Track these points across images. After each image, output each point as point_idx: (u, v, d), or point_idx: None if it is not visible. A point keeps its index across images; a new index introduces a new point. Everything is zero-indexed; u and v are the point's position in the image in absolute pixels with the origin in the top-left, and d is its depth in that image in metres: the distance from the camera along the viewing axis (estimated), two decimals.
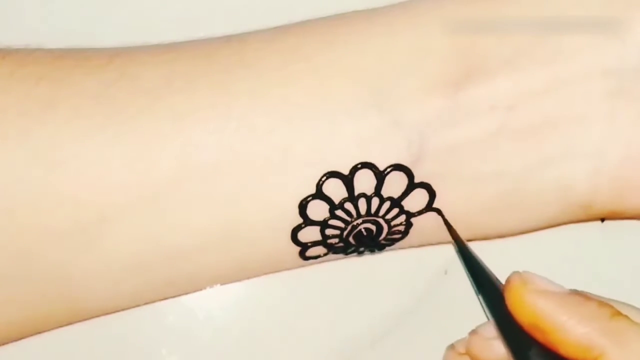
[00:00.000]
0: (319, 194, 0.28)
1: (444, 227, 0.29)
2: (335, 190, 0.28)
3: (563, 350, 0.26)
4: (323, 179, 0.28)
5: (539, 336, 0.26)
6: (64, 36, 0.30)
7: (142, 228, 0.27)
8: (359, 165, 0.28)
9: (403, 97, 0.28)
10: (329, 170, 0.28)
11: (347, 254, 0.30)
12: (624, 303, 0.27)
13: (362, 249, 0.30)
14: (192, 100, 0.27)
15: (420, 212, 0.29)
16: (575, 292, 0.27)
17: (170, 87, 0.28)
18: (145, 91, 0.27)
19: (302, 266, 0.30)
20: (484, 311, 0.29)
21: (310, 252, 0.29)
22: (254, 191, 0.28)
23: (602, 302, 0.27)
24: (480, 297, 0.28)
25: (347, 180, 0.28)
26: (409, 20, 0.29)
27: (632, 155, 0.28)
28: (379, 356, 0.32)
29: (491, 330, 0.29)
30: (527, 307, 0.27)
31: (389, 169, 0.28)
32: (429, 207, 0.29)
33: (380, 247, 0.30)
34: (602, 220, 0.31)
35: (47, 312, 0.29)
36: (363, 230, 0.29)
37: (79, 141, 0.27)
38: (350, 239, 0.29)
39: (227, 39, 0.29)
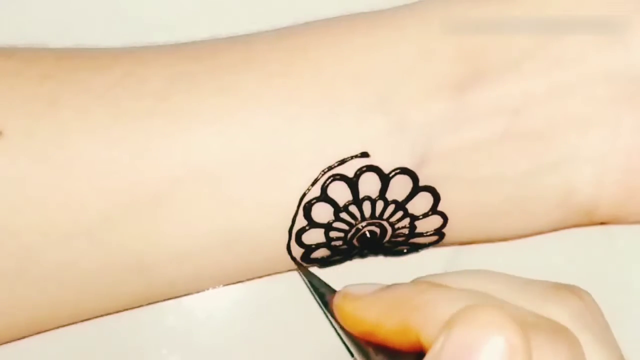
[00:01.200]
0: (324, 197, 0.28)
1: (446, 228, 0.30)
2: (340, 193, 0.28)
3: (393, 344, 0.25)
4: (328, 182, 0.28)
5: (374, 341, 0.26)
6: (69, 36, 0.30)
7: (145, 228, 0.27)
8: (364, 168, 0.28)
9: (408, 99, 0.28)
10: (334, 173, 0.28)
11: (351, 256, 0.30)
12: (450, 273, 0.27)
13: (365, 251, 0.30)
14: (196, 101, 0.27)
15: (424, 215, 0.29)
16: (389, 285, 0.27)
17: (175, 88, 0.28)
18: (150, 92, 0.27)
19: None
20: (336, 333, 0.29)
21: (314, 254, 0.29)
22: (257, 193, 0.28)
23: (413, 284, 0.26)
24: (328, 318, 0.29)
25: (352, 183, 0.28)
26: (414, 22, 0.29)
27: (635, 160, 0.28)
28: None
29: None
30: (350, 318, 0.27)
31: (393, 172, 0.28)
32: (434, 210, 0.29)
33: (384, 250, 0.30)
34: (602, 223, 0.31)
35: (48, 311, 0.29)
36: (367, 232, 0.29)
37: (82, 141, 0.27)
38: (354, 242, 0.29)
39: (232, 40, 0.29)
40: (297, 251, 0.29)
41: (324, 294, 0.29)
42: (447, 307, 0.24)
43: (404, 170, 0.28)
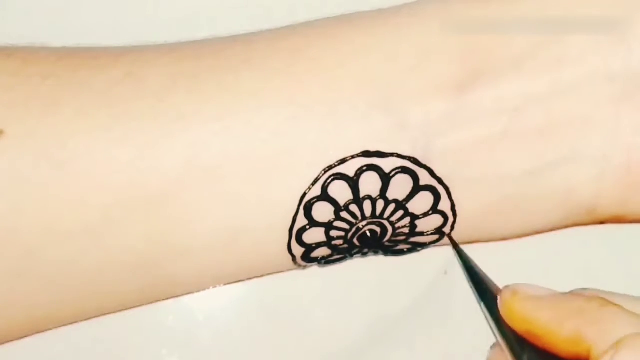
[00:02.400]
0: (324, 196, 0.28)
1: (446, 227, 0.30)
2: (341, 192, 0.28)
3: (557, 350, 0.26)
4: (328, 181, 0.28)
5: (535, 342, 0.27)
6: (69, 35, 0.30)
7: (147, 228, 0.27)
8: (365, 168, 0.28)
9: (408, 99, 0.28)
10: (335, 172, 0.28)
11: (351, 255, 0.30)
12: (619, 294, 0.27)
13: (366, 250, 0.30)
14: (198, 100, 0.27)
15: (425, 215, 0.29)
16: (564, 293, 0.27)
17: (176, 87, 0.28)
18: (151, 91, 0.27)
19: (306, 267, 0.30)
20: (487, 321, 0.29)
21: (315, 253, 0.29)
22: (258, 192, 0.28)
23: (591, 296, 0.27)
24: (481, 306, 0.29)
25: (353, 182, 0.28)
26: (414, 21, 0.29)
27: (636, 159, 0.28)
28: (379, 356, 0.32)
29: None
30: (517, 315, 0.27)
31: (394, 172, 0.28)
32: (434, 210, 0.29)
33: (384, 249, 0.30)
34: (601, 222, 0.31)
35: (49, 310, 0.29)
36: (368, 232, 0.29)
37: (84, 140, 0.27)
38: (355, 241, 0.29)
39: (233, 39, 0.29)
40: (298, 250, 0.29)
41: (480, 282, 0.29)
42: (627, 328, 0.25)
43: (405, 170, 0.28)
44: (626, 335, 0.24)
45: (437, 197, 0.28)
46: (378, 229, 0.29)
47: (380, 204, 0.28)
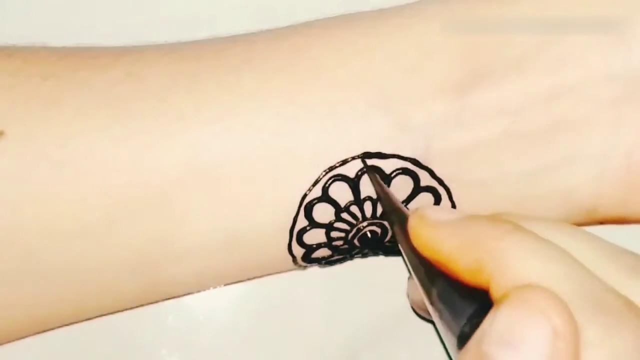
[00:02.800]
0: (325, 197, 0.28)
1: None
2: (341, 193, 0.28)
3: (461, 277, 0.24)
4: (329, 182, 0.28)
5: (442, 268, 0.25)
6: (70, 35, 0.29)
7: (148, 228, 0.27)
8: (365, 169, 0.28)
9: (409, 99, 0.28)
10: (335, 173, 0.28)
11: (351, 256, 0.30)
12: (538, 218, 0.26)
13: (366, 251, 0.30)
14: (198, 100, 0.27)
15: None
16: (470, 216, 0.25)
17: (176, 88, 0.27)
18: (151, 91, 0.27)
19: (306, 268, 0.30)
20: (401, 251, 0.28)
21: (315, 254, 0.29)
22: (259, 192, 0.28)
23: (495, 221, 0.24)
24: (395, 232, 0.28)
25: (353, 183, 0.28)
26: (416, 22, 0.29)
27: (636, 160, 0.28)
28: (379, 356, 0.32)
29: None
30: (423, 242, 0.26)
31: (395, 173, 0.28)
32: None
33: (385, 250, 0.30)
34: (601, 222, 0.31)
35: (49, 310, 0.29)
36: (368, 232, 0.29)
37: (84, 141, 0.27)
38: (355, 242, 0.29)
39: (233, 39, 0.29)
40: (298, 251, 0.29)
41: (393, 206, 0.27)
42: (524, 262, 0.23)
43: (405, 171, 0.28)
44: (506, 291, 0.22)
45: (437, 198, 0.28)
46: (378, 230, 0.29)
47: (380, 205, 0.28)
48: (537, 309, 0.21)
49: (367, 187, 0.28)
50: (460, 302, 0.24)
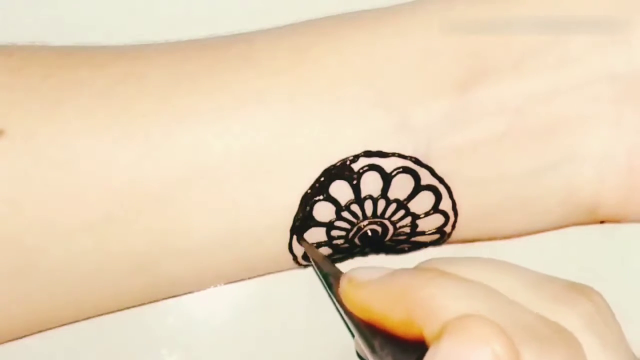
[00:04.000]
0: (326, 196, 0.28)
1: (447, 227, 0.29)
2: (342, 192, 0.28)
3: (397, 332, 0.25)
4: (330, 181, 0.28)
5: (378, 326, 0.25)
6: (70, 34, 0.29)
7: (148, 227, 0.27)
8: (366, 168, 0.28)
9: (410, 98, 0.28)
10: (336, 172, 0.27)
11: (352, 254, 0.30)
12: (460, 258, 0.26)
13: (367, 250, 0.30)
14: (198, 100, 0.27)
15: (426, 214, 0.29)
16: (395, 271, 0.26)
17: (177, 87, 0.27)
18: (152, 91, 0.27)
19: (307, 267, 0.30)
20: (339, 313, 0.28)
21: None
22: (259, 192, 0.28)
23: (419, 271, 0.25)
24: (332, 299, 0.28)
25: (354, 182, 0.28)
26: (417, 21, 0.29)
27: (637, 160, 0.28)
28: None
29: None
30: (355, 304, 0.26)
31: (395, 172, 0.28)
32: (435, 209, 0.29)
33: (386, 248, 0.30)
34: (602, 221, 0.31)
35: (51, 309, 0.29)
36: (369, 231, 0.29)
37: (84, 140, 0.27)
38: (356, 240, 0.29)
39: (234, 39, 0.29)
40: (299, 250, 0.29)
41: (328, 275, 0.28)
42: (450, 305, 0.23)
43: (406, 169, 0.28)
44: (446, 323, 0.22)
45: (438, 197, 0.28)
46: (379, 229, 0.29)
47: (381, 204, 0.28)
48: (477, 336, 0.22)
49: (367, 186, 0.28)
50: (401, 355, 0.24)
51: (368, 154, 0.27)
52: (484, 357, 0.21)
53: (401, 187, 0.28)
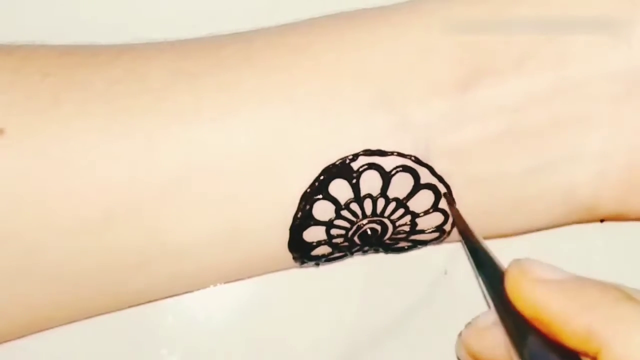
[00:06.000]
0: (325, 195, 0.28)
1: (447, 225, 0.29)
2: (342, 190, 0.28)
3: (563, 341, 0.24)
4: (329, 180, 0.28)
5: (540, 327, 0.25)
6: (70, 33, 0.30)
7: (147, 226, 0.27)
8: (366, 166, 0.28)
9: (410, 97, 0.28)
10: (335, 171, 0.27)
11: (351, 253, 0.30)
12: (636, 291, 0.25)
13: (366, 248, 0.30)
14: (198, 98, 0.27)
15: (425, 213, 0.29)
16: (578, 278, 0.25)
17: (176, 86, 0.28)
18: (151, 89, 0.27)
19: (306, 265, 0.30)
20: (484, 295, 0.27)
21: (315, 251, 0.29)
22: (259, 190, 0.28)
23: (606, 288, 0.24)
24: (479, 279, 0.27)
25: (354, 181, 0.28)
26: (416, 20, 0.29)
27: (636, 159, 0.28)
28: (379, 356, 0.32)
29: (486, 321, 0.28)
30: (525, 298, 0.25)
31: (395, 170, 0.28)
32: (435, 208, 0.29)
33: (385, 247, 0.30)
34: (602, 220, 0.31)
35: (49, 309, 0.29)
36: (368, 230, 0.29)
37: (84, 139, 0.27)
38: (355, 239, 0.29)
39: (234, 37, 0.29)
40: (298, 249, 0.29)
41: (482, 254, 0.27)
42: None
43: (405, 168, 0.28)
44: (632, 349, 0.22)
45: (437, 196, 0.28)
46: (379, 227, 0.29)
47: (380, 203, 0.28)
48: None
49: (367, 185, 0.28)
50: None
51: (367, 152, 0.27)
52: None
53: (400, 185, 0.28)
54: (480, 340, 0.28)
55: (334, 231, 0.29)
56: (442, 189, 0.28)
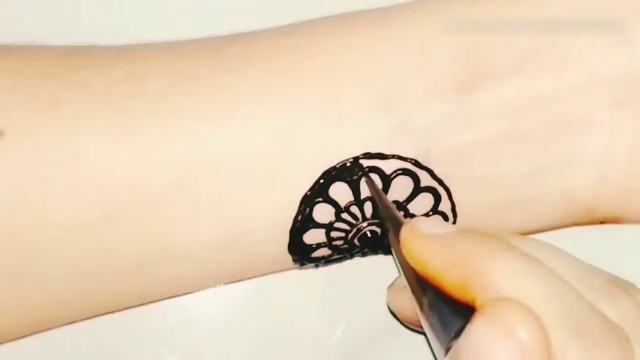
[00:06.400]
0: (325, 197, 0.28)
1: None
2: (342, 193, 0.28)
3: (449, 292, 0.24)
4: (329, 182, 0.28)
5: (431, 281, 0.25)
6: (70, 34, 0.29)
7: (147, 227, 0.27)
8: (366, 169, 0.28)
9: (410, 100, 0.28)
10: (336, 173, 0.27)
11: (351, 255, 0.30)
12: (524, 238, 0.26)
13: (366, 250, 0.30)
14: (198, 101, 0.27)
15: (425, 215, 0.29)
16: (461, 232, 0.25)
17: (176, 87, 0.27)
18: (151, 91, 0.27)
19: (306, 267, 0.30)
20: (394, 258, 0.28)
21: (315, 253, 0.29)
22: (259, 192, 0.28)
23: (484, 239, 0.24)
24: (390, 243, 0.28)
25: (354, 184, 0.28)
26: (416, 21, 0.28)
27: (636, 162, 0.28)
28: (379, 356, 0.33)
29: (401, 282, 0.28)
30: (413, 253, 0.25)
31: (395, 173, 0.28)
32: (435, 211, 0.29)
33: (385, 249, 0.30)
34: (601, 222, 0.31)
35: (48, 310, 0.29)
36: (368, 232, 0.29)
37: (84, 140, 0.27)
38: (355, 241, 0.29)
39: (234, 39, 0.29)
40: (298, 251, 0.29)
41: (389, 218, 0.27)
42: (508, 282, 0.23)
43: (406, 171, 0.28)
44: (488, 301, 0.22)
45: (437, 198, 0.28)
46: (378, 230, 0.29)
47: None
48: (505, 325, 0.21)
49: (367, 188, 0.28)
50: (450, 316, 0.24)
51: (368, 155, 0.27)
52: (510, 348, 0.21)
53: (400, 188, 0.28)
54: (397, 299, 0.29)
55: (334, 234, 0.29)
56: (442, 192, 0.28)
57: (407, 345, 0.33)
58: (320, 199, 0.28)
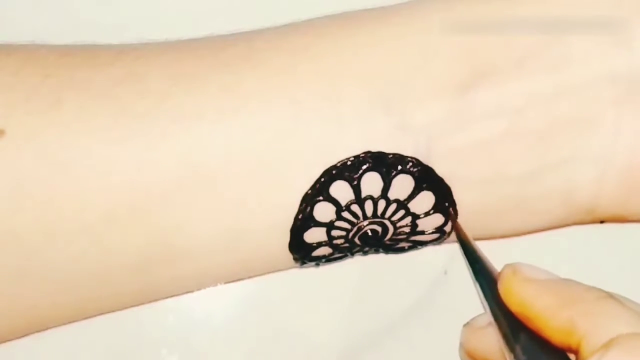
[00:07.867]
0: (326, 196, 0.28)
1: (447, 226, 0.30)
2: (342, 192, 0.28)
3: (549, 336, 0.25)
4: (330, 181, 0.28)
5: (529, 324, 0.26)
6: (70, 32, 0.29)
7: (148, 228, 0.27)
8: (367, 168, 0.28)
9: (410, 99, 0.28)
10: (336, 172, 0.27)
11: (352, 254, 0.30)
12: (621, 295, 0.26)
13: (367, 249, 0.30)
14: (199, 101, 0.27)
15: (426, 214, 0.29)
16: (564, 279, 0.26)
17: (177, 87, 0.27)
18: (152, 91, 0.27)
19: (307, 266, 0.30)
20: (480, 299, 0.29)
21: (316, 252, 0.29)
22: (260, 192, 0.28)
23: (589, 287, 0.25)
24: (477, 285, 0.28)
25: (354, 182, 0.28)
26: (417, 21, 0.28)
27: (636, 161, 0.28)
28: (379, 356, 0.32)
29: (482, 321, 0.29)
30: (514, 295, 0.26)
31: (395, 172, 0.28)
32: (435, 209, 0.29)
33: (385, 248, 0.30)
34: (602, 221, 0.31)
35: (49, 310, 0.29)
36: (369, 231, 0.29)
37: (84, 141, 0.27)
38: (356, 240, 0.29)
39: (234, 38, 0.29)
40: (299, 250, 0.29)
41: (478, 261, 0.28)
42: (623, 325, 0.24)
43: (406, 170, 0.28)
44: (620, 334, 0.23)
45: (438, 197, 0.28)
46: (379, 229, 0.29)
47: (381, 204, 0.28)
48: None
49: (367, 186, 0.28)
50: (545, 358, 0.25)
51: (368, 154, 0.27)
52: None
53: (401, 187, 0.28)
54: (475, 339, 0.29)
55: (334, 232, 0.29)
56: (443, 191, 0.28)
57: (407, 345, 0.33)
58: (321, 198, 0.28)
